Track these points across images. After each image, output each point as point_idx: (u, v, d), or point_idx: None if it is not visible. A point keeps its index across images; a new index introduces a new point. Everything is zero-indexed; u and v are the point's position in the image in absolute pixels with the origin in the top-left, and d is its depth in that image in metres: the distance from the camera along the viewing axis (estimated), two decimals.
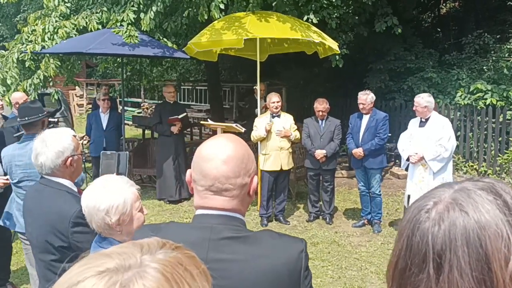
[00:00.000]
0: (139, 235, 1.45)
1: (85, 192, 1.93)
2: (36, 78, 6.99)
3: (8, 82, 7.03)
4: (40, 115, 3.70)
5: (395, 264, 0.84)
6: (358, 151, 6.21)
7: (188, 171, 1.38)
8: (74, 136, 2.41)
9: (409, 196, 5.82)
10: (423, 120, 5.79)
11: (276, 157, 6.43)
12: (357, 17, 8.70)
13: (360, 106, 6.30)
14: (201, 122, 8.76)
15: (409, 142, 5.85)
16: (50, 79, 7.52)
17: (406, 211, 0.86)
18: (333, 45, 7.02)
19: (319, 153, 6.46)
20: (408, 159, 5.81)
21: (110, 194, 1.86)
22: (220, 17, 6.44)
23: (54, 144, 2.29)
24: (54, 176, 2.34)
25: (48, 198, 2.30)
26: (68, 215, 2.09)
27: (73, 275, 0.63)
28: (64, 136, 2.35)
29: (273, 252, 1.31)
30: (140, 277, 0.61)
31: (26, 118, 3.66)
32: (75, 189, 2.41)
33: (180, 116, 7.42)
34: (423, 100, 5.72)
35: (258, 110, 7.01)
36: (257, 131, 6.47)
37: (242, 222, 1.37)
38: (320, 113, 6.54)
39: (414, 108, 5.82)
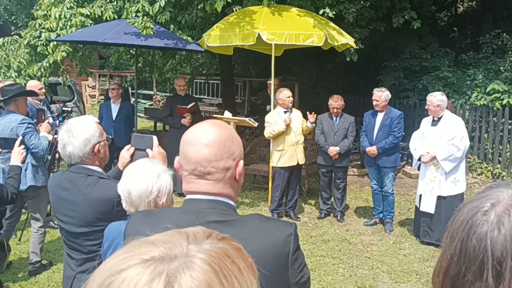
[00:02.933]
0: (135, 219, 1.48)
1: (126, 180, 1.95)
2: (46, 62, 6.97)
3: (15, 67, 7.03)
4: (12, 94, 4.36)
5: (446, 269, 0.77)
6: (372, 149, 6.13)
7: (176, 158, 1.39)
8: (98, 122, 2.42)
9: (420, 196, 5.73)
10: (435, 119, 5.68)
11: (293, 152, 6.33)
12: (374, 12, 8.59)
13: (374, 103, 6.21)
14: (214, 115, 8.73)
15: (421, 141, 5.74)
16: (61, 67, 7.51)
17: (459, 212, 0.79)
18: (350, 41, 6.94)
19: (333, 150, 6.38)
20: (419, 159, 5.71)
21: (157, 176, 1.94)
22: (233, 10, 6.38)
23: (80, 133, 2.31)
24: (83, 163, 2.37)
25: (85, 185, 2.32)
26: (112, 197, 2.15)
27: (115, 262, 0.59)
28: (89, 123, 2.37)
29: (259, 235, 1.30)
30: (187, 268, 0.57)
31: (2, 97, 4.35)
32: (105, 174, 2.44)
33: (188, 106, 7.36)
34: (436, 98, 5.61)
35: (272, 105, 6.94)
36: (275, 126, 6.26)
37: (230, 207, 1.36)
38: (335, 110, 6.46)
39: (426, 107, 5.72)
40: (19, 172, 3.10)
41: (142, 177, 1.93)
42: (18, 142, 3.17)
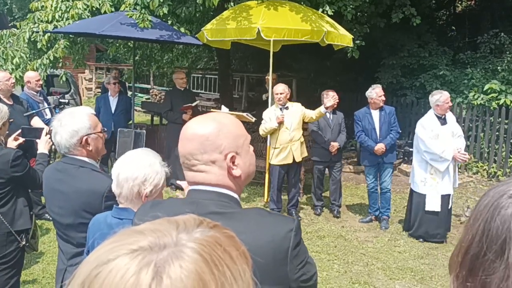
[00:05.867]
0: (142, 208, 1.51)
1: (120, 162, 1.97)
2: (46, 59, 6.97)
3: (15, 61, 7.01)
4: None
5: (466, 249, 0.81)
6: (381, 147, 6.08)
7: None
8: (92, 114, 2.38)
9: (449, 196, 5.69)
10: (442, 117, 5.68)
11: (287, 149, 6.22)
12: (374, 7, 8.58)
13: (379, 99, 6.19)
14: (211, 110, 8.71)
15: (435, 142, 5.62)
16: (60, 60, 7.49)
17: (484, 196, 0.83)
18: (347, 37, 6.93)
19: (335, 145, 6.41)
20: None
21: (149, 165, 1.95)
22: (229, 6, 6.35)
23: (69, 124, 2.29)
24: (74, 155, 2.35)
25: (76, 176, 2.31)
26: (101, 191, 2.14)
27: (103, 252, 0.57)
28: (79, 115, 2.33)
29: (259, 229, 1.29)
30: (176, 258, 0.56)
31: None
32: (98, 167, 2.42)
33: (194, 104, 7.38)
34: (448, 95, 5.67)
35: (269, 100, 6.93)
36: (268, 123, 6.20)
37: (232, 199, 1.36)
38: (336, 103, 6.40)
39: (447, 106, 5.61)
40: (46, 159, 3.20)
41: (134, 161, 1.96)
42: (44, 131, 3.21)
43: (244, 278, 0.61)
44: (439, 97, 5.61)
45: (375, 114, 6.24)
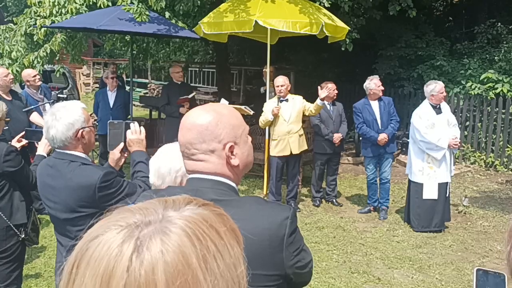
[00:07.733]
0: (143, 196, 1.54)
1: (159, 155, 1.95)
2: (43, 52, 6.96)
3: (12, 55, 7.01)
4: None
5: None
6: (384, 137, 6.11)
7: None
8: (84, 108, 2.39)
9: (447, 184, 5.78)
10: (437, 106, 5.73)
11: (285, 141, 6.26)
12: (370, 0, 8.56)
13: (376, 91, 6.23)
14: (210, 103, 8.72)
15: (432, 132, 5.68)
16: (57, 55, 7.49)
17: None
18: (344, 29, 6.93)
19: (338, 136, 6.46)
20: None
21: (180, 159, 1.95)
22: None
23: (64, 117, 2.29)
24: (66, 149, 2.34)
25: (67, 171, 2.31)
26: (93, 183, 2.12)
27: (94, 230, 0.63)
28: (74, 108, 2.34)
29: (255, 216, 1.32)
30: (159, 232, 0.60)
31: None
32: (90, 160, 2.41)
33: (190, 96, 7.39)
34: (443, 85, 5.75)
35: (267, 92, 6.95)
36: (264, 115, 6.27)
37: (229, 187, 1.39)
38: (335, 93, 6.43)
39: (441, 96, 5.69)
40: None
41: (175, 154, 1.93)
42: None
43: (232, 253, 0.64)
44: (434, 87, 5.67)
45: (375, 104, 6.27)
